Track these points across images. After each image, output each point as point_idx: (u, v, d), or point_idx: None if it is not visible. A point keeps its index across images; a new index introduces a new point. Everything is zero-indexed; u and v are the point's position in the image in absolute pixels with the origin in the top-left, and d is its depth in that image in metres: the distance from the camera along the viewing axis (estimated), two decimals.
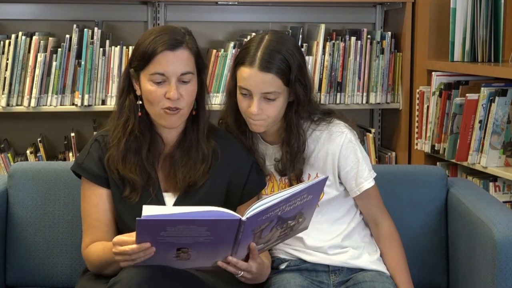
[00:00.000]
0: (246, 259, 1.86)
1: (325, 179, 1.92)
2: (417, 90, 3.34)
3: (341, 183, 2.13)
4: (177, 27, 2.01)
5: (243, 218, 1.73)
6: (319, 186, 1.89)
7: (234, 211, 2.04)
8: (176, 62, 1.92)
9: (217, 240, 1.75)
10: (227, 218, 1.72)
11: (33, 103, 3.22)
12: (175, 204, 2.01)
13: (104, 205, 2.02)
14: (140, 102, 1.99)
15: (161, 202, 2.00)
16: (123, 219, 2.00)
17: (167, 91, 1.92)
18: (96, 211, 2.01)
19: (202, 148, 2.02)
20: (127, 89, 2.01)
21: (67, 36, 3.24)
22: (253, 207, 1.76)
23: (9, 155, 3.30)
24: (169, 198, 2.02)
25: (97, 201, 2.02)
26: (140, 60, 1.94)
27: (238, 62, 2.04)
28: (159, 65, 1.92)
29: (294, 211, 1.85)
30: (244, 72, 2.01)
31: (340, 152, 2.08)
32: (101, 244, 1.97)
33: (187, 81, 1.94)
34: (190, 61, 1.96)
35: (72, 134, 3.35)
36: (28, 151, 3.33)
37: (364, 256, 2.13)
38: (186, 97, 1.94)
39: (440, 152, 3.14)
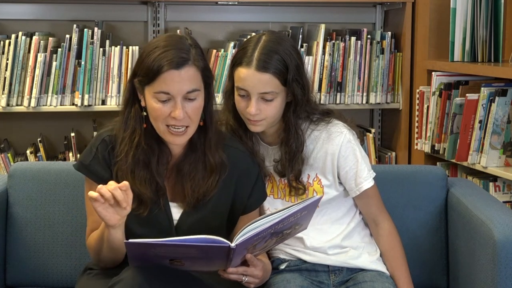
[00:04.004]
0: (243, 264, 1.86)
1: (320, 198, 1.92)
2: (417, 90, 3.34)
3: (340, 183, 2.13)
4: (182, 37, 1.95)
5: (232, 245, 1.72)
6: (313, 205, 1.89)
7: (236, 221, 2.05)
8: (181, 81, 1.87)
9: (208, 258, 1.76)
10: (216, 245, 1.72)
11: (33, 103, 3.22)
12: (182, 215, 1.98)
13: None
14: (145, 114, 1.94)
15: (168, 213, 1.98)
16: (129, 227, 1.96)
17: (173, 110, 1.87)
18: None
19: (210, 160, 1.98)
20: (132, 100, 1.96)
21: (67, 36, 3.24)
22: (243, 232, 1.75)
23: (9, 155, 3.30)
24: (176, 209, 1.99)
25: None
26: (145, 76, 1.89)
27: (236, 62, 2.04)
28: (164, 84, 1.86)
29: (289, 225, 1.86)
30: (242, 72, 2.01)
31: (339, 152, 2.08)
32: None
33: (193, 98, 1.90)
34: (197, 78, 1.90)
35: (72, 134, 3.35)
36: (28, 151, 3.33)
37: (364, 256, 2.13)
38: (192, 114, 1.90)
39: (440, 152, 3.14)
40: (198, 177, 1.97)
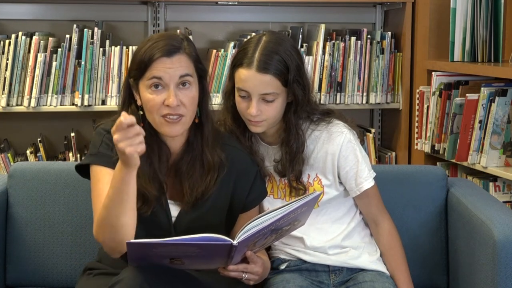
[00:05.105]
0: (243, 261, 1.86)
1: (319, 194, 1.92)
2: (417, 90, 3.34)
3: (340, 183, 2.13)
4: (175, 33, 1.96)
5: (234, 243, 1.72)
6: (313, 201, 1.90)
7: (236, 219, 2.05)
8: (173, 67, 1.87)
9: (209, 256, 1.76)
10: (218, 243, 1.72)
11: (33, 103, 3.22)
12: (180, 213, 1.98)
13: None
14: (142, 113, 1.94)
15: (167, 211, 1.98)
16: None
17: (166, 98, 1.87)
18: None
19: (208, 158, 1.97)
20: (128, 100, 1.97)
21: (67, 36, 3.24)
22: (245, 229, 1.75)
23: (9, 155, 3.30)
24: (175, 207, 1.99)
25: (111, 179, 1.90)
26: (138, 69, 1.89)
27: (236, 63, 2.03)
28: (156, 71, 1.87)
29: (288, 221, 1.86)
30: (242, 73, 2.01)
31: (339, 152, 2.08)
32: None
33: (186, 85, 1.89)
34: (189, 65, 1.91)
35: (72, 134, 3.35)
36: (28, 151, 3.33)
37: (364, 256, 2.13)
38: (186, 103, 1.89)
39: (440, 152, 3.14)
40: (196, 176, 1.97)
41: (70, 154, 3.35)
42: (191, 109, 1.92)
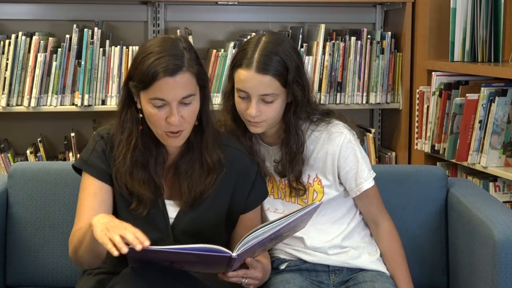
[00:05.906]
0: (243, 266, 1.86)
1: (319, 205, 1.91)
2: (417, 90, 3.34)
3: (340, 183, 2.13)
4: (176, 40, 1.93)
5: (234, 255, 1.72)
6: (314, 210, 1.90)
7: (236, 220, 2.05)
8: (176, 87, 1.86)
9: (208, 264, 1.77)
10: (217, 254, 1.72)
11: (33, 103, 3.22)
12: (178, 214, 1.98)
13: (102, 197, 1.96)
14: (141, 115, 1.94)
15: (164, 212, 1.98)
16: None
17: (168, 115, 1.87)
18: (93, 199, 1.95)
19: (207, 160, 1.97)
20: (128, 102, 1.96)
21: (67, 36, 3.24)
22: (244, 241, 1.75)
23: (9, 155, 3.31)
24: (173, 207, 1.99)
25: (95, 191, 1.96)
26: (140, 82, 1.88)
27: (236, 64, 2.03)
28: (159, 92, 1.86)
29: (288, 229, 1.86)
30: (242, 74, 2.00)
31: (339, 153, 2.08)
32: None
33: (188, 103, 1.89)
34: (191, 83, 1.89)
35: (72, 134, 3.35)
36: (28, 151, 3.33)
37: (364, 256, 2.13)
38: (187, 118, 1.89)
39: (440, 152, 3.14)
40: (195, 176, 1.97)
41: (70, 154, 3.35)
42: (192, 121, 1.92)
